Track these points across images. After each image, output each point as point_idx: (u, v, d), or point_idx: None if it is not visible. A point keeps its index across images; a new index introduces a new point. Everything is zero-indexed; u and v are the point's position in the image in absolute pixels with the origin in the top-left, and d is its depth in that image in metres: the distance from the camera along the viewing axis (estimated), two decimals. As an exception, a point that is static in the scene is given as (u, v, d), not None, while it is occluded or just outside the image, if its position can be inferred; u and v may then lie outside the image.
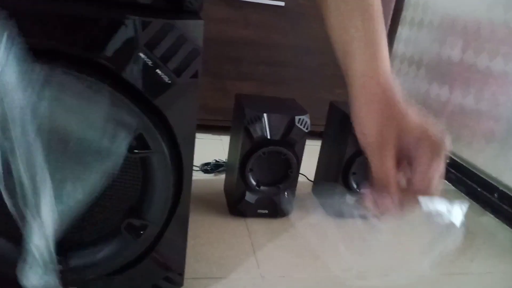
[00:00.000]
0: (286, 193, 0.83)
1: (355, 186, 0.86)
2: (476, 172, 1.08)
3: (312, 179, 1.01)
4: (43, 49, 0.41)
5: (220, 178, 0.99)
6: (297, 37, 1.25)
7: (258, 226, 0.82)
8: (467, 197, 1.09)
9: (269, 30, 1.22)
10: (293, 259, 0.73)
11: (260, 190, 0.82)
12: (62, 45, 0.42)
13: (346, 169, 0.85)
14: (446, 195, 0.31)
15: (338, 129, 0.88)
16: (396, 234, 0.81)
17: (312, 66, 1.30)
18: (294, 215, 0.87)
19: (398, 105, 0.31)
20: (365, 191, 0.32)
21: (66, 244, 0.50)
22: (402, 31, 1.54)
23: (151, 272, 0.54)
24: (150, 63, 0.44)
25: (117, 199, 0.50)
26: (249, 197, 0.82)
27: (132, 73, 0.44)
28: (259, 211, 0.84)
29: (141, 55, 0.43)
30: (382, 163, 0.30)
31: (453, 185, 1.16)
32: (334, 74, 1.32)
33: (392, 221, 0.34)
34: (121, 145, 0.43)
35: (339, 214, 0.83)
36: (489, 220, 0.98)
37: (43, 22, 0.41)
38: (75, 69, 0.40)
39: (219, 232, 0.78)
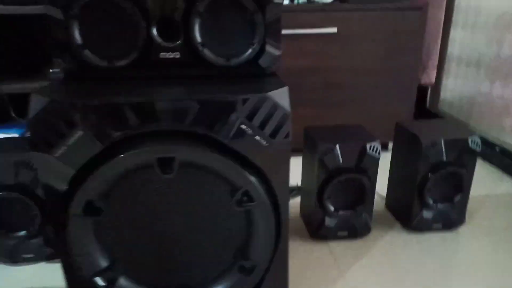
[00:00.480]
0: (363, 215, 0.88)
1: (431, 202, 0.89)
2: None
3: (384, 194, 1.05)
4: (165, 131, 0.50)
5: (293, 202, 1.06)
6: (350, 60, 1.30)
7: (339, 247, 0.88)
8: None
9: (324, 56, 1.28)
10: (380, 278, 0.77)
11: (339, 214, 0.88)
12: (180, 126, 0.51)
13: (421, 186, 0.88)
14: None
15: (406, 148, 0.92)
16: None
17: (365, 86, 1.34)
18: (373, 234, 0.92)
19: None
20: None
21: (189, 285, 0.60)
22: (456, 34, 1.53)
23: (260, 304, 0.62)
24: (250, 131, 0.52)
25: (227, 243, 0.58)
26: (329, 221, 0.88)
27: (237, 142, 0.52)
28: (339, 233, 0.90)
29: (243, 126, 0.51)
30: None
31: (531, 187, 1.14)
32: (392, 90, 1.35)
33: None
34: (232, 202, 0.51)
35: (417, 230, 0.88)
36: None
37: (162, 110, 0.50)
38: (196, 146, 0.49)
39: (304, 257, 0.84)
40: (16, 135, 1.26)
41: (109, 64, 0.56)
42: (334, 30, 1.25)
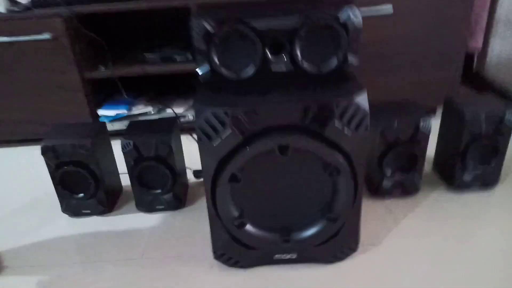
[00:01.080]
0: (414, 177, 1.11)
1: (471, 166, 1.09)
2: None
3: (432, 157, 1.25)
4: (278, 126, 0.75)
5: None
6: (402, 28, 1.45)
7: (394, 204, 1.11)
8: None
9: (377, 27, 1.43)
10: (427, 228, 1.01)
11: (394, 177, 1.11)
12: (293, 122, 0.75)
13: (463, 153, 1.08)
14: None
15: (452, 119, 1.11)
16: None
17: (418, 52, 1.49)
18: (421, 192, 1.14)
19: None
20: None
21: (291, 229, 0.87)
22: None
23: (341, 242, 0.89)
24: (340, 126, 0.75)
25: (319, 201, 0.84)
26: (386, 183, 1.12)
27: (330, 133, 0.75)
28: (394, 192, 1.13)
29: (336, 122, 0.74)
30: None
31: None
32: (441, 57, 1.49)
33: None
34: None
35: (459, 189, 1.09)
36: None
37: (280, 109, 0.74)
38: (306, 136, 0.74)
39: (367, 211, 1.09)
40: (125, 110, 1.56)
41: (237, 76, 0.80)
42: (389, 7, 1.39)
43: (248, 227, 0.86)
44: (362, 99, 0.75)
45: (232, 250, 0.88)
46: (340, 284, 0.86)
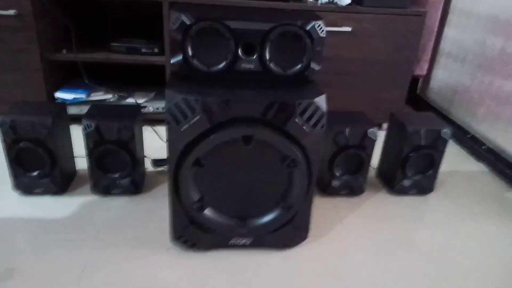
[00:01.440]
0: (360, 180, 1.21)
1: (410, 174, 1.22)
2: (506, 157, 1.40)
3: (375, 165, 1.37)
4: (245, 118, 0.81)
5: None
6: (360, 53, 1.58)
7: (341, 202, 1.21)
8: (498, 177, 1.41)
9: (339, 48, 1.56)
10: (368, 225, 1.12)
11: (342, 178, 1.20)
12: (258, 116, 0.81)
13: (404, 162, 1.21)
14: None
15: (396, 132, 1.23)
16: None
17: (373, 73, 1.63)
18: (365, 194, 1.25)
19: None
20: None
21: (247, 216, 0.92)
22: (448, 32, 1.81)
23: (291, 231, 0.96)
24: (300, 123, 0.82)
25: (276, 190, 0.91)
26: (334, 183, 1.21)
27: (291, 128, 0.83)
28: (341, 192, 1.23)
29: (296, 120, 0.82)
30: None
31: (488, 167, 1.48)
32: (391, 79, 1.65)
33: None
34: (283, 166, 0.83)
35: (398, 193, 1.20)
36: (512, 196, 1.31)
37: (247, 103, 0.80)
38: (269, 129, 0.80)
39: (317, 207, 1.18)
40: (83, 96, 1.54)
41: (208, 69, 0.85)
42: (349, 28, 1.52)
43: (207, 211, 0.90)
44: (321, 100, 0.83)
45: (190, 233, 0.92)
46: (290, 269, 0.93)
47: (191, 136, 0.81)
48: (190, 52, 0.83)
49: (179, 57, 0.84)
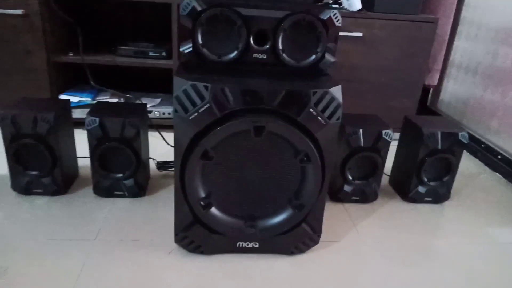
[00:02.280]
0: (373, 185, 1.16)
1: (426, 179, 1.16)
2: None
3: (388, 173, 1.32)
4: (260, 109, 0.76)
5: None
6: (371, 60, 1.55)
7: (353, 208, 1.15)
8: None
9: (349, 55, 1.53)
10: (383, 232, 1.05)
11: (355, 183, 1.15)
12: (270, 106, 0.77)
13: (419, 167, 1.15)
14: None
15: (411, 136, 1.18)
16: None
17: (383, 81, 1.60)
18: (378, 201, 1.19)
19: None
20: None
21: (257, 215, 0.87)
22: (459, 43, 1.78)
23: (304, 233, 0.90)
24: (314, 113, 0.78)
25: (287, 188, 0.85)
26: (347, 188, 1.16)
27: (305, 119, 0.78)
28: (353, 198, 1.17)
29: (311, 110, 0.77)
30: None
31: (504, 177, 1.42)
32: (402, 87, 1.61)
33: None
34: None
35: (412, 201, 1.15)
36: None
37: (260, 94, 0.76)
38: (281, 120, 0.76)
39: (328, 212, 1.12)
40: (89, 99, 1.51)
41: (219, 59, 0.82)
42: (360, 34, 1.50)
43: (214, 210, 0.85)
44: (337, 91, 0.79)
45: (195, 233, 0.87)
46: (301, 275, 0.86)
47: (200, 126, 0.77)
48: (200, 41, 0.80)
49: (189, 46, 0.81)
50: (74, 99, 1.50)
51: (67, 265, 0.84)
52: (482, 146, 1.57)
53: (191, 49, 0.81)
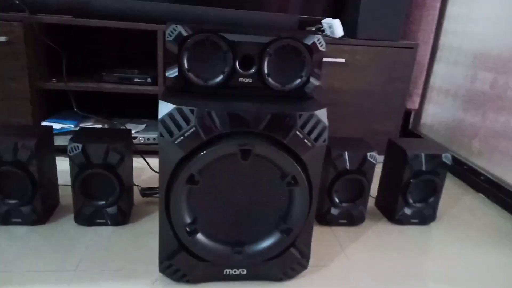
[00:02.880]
0: (360, 207, 1.15)
1: (411, 201, 1.17)
2: (506, 187, 1.36)
3: (374, 196, 1.32)
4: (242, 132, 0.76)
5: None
6: (353, 84, 1.59)
7: (340, 231, 1.14)
8: (500, 207, 1.37)
9: (333, 80, 1.56)
10: (373, 255, 1.04)
11: (342, 205, 1.14)
12: (257, 129, 0.77)
13: (404, 189, 1.16)
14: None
15: (395, 158, 1.20)
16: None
17: (366, 105, 1.63)
18: (365, 223, 1.19)
19: None
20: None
21: (244, 241, 0.85)
22: (438, 68, 1.84)
23: (292, 258, 0.88)
24: (301, 136, 0.78)
25: (274, 212, 0.84)
26: (334, 211, 1.15)
27: (291, 142, 0.78)
28: (341, 221, 1.16)
29: (297, 132, 0.78)
30: None
31: (487, 197, 1.44)
32: (384, 111, 1.64)
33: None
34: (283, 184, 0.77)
35: (399, 222, 1.14)
36: (518, 226, 1.26)
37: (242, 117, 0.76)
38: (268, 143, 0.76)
39: (315, 236, 1.10)
40: (72, 126, 1.49)
41: (204, 83, 0.82)
42: (342, 60, 1.53)
43: (200, 236, 0.83)
44: (322, 114, 0.80)
45: (180, 261, 0.84)
46: (289, 301, 0.84)
47: (186, 150, 0.76)
48: (186, 65, 0.80)
49: (175, 71, 0.81)
50: (57, 125, 1.47)
51: (45, 297, 0.80)
52: (465, 167, 1.60)
53: (177, 73, 0.81)
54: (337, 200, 1.14)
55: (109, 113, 1.66)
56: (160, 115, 0.75)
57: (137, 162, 1.46)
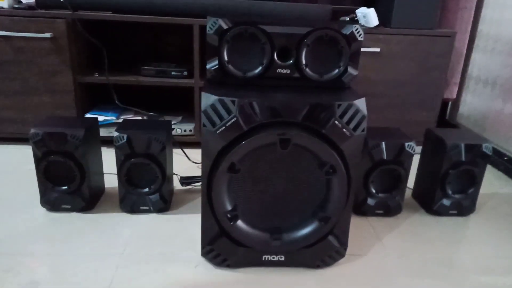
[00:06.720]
0: (397, 198, 1.15)
1: (450, 192, 1.15)
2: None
3: (411, 186, 1.31)
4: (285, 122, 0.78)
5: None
6: (389, 74, 1.57)
7: (376, 222, 1.14)
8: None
9: (368, 70, 1.55)
10: (410, 245, 1.04)
11: (378, 196, 1.14)
12: (296, 119, 0.78)
13: (443, 179, 1.14)
14: None
15: (433, 149, 1.18)
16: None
17: (401, 95, 1.60)
18: (402, 214, 1.18)
19: None
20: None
21: (282, 228, 0.87)
22: (476, 57, 1.78)
23: (330, 246, 0.90)
24: (340, 125, 0.79)
25: (313, 200, 0.86)
26: (370, 201, 1.15)
27: (330, 131, 0.79)
28: (377, 211, 1.16)
29: (336, 122, 0.79)
30: None
31: (530, 190, 1.39)
32: (420, 101, 1.62)
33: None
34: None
35: (437, 214, 1.13)
36: None
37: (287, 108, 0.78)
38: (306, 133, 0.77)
39: (352, 226, 1.11)
40: (113, 118, 1.56)
41: (244, 75, 0.84)
42: (378, 49, 1.52)
43: (240, 222, 0.86)
44: (361, 103, 0.80)
45: (221, 246, 0.87)
46: (327, 288, 0.86)
47: (227, 140, 0.79)
48: (225, 58, 0.83)
49: (215, 63, 0.83)
50: (99, 118, 1.54)
51: (95, 280, 0.85)
52: (505, 158, 1.55)
53: (217, 66, 0.84)
54: (373, 190, 1.14)
55: (146, 106, 1.72)
56: (203, 106, 0.77)
57: (175, 153, 1.50)
